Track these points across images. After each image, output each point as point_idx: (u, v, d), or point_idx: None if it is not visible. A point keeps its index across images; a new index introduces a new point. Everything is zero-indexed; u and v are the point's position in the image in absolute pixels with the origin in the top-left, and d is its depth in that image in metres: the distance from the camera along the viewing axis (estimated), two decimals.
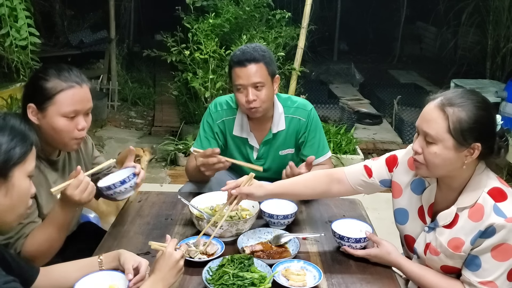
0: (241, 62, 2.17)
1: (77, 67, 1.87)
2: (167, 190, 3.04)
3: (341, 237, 1.76)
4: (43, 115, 1.66)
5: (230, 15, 4.64)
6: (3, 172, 1.20)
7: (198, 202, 1.96)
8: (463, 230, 1.55)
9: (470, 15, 6.86)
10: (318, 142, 2.35)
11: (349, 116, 5.70)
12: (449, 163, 1.52)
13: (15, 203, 1.25)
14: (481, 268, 1.51)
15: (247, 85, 2.17)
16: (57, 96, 1.65)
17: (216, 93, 4.44)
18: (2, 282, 1.13)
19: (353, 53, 9.77)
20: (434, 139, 1.51)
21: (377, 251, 1.72)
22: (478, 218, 1.52)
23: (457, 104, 1.48)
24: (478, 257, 1.52)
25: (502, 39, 6.41)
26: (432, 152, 1.52)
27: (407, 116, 5.61)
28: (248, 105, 2.19)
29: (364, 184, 1.85)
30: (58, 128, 1.67)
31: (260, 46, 2.27)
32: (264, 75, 2.18)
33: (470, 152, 1.50)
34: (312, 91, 6.09)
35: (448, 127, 1.48)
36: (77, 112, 1.69)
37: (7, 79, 4.44)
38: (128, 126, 6.03)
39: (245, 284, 1.48)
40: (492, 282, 1.50)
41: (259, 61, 2.18)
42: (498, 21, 6.41)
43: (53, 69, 1.68)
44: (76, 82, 1.68)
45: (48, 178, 1.75)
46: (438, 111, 1.50)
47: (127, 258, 1.50)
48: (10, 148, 1.21)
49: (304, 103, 2.37)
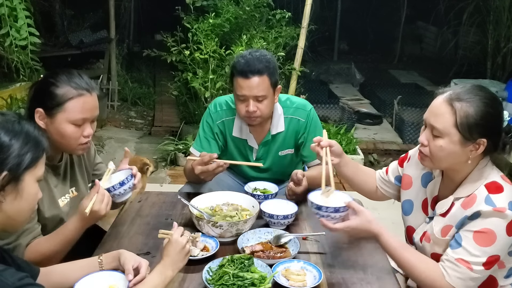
0: (245, 73, 2.12)
1: (77, 67, 1.87)
2: (167, 190, 3.04)
3: (318, 207, 1.63)
4: (51, 120, 1.67)
5: (230, 15, 4.64)
6: (15, 176, 1.23)
7: (198, 202, 1.95)
8: (454, 218, 1.57)
9: (470, 15, 6.86)
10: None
11: (349, 116, 5.70)
12: (453, 156, 1.54)
13: (23, 207, 1.28)
14: (461, 247, 1.52)
15: (249, 96, 2.14)
16: (67, 104, 1.65)
17: (216, 93, 4.44)
18: (17, 279, 1.14)
19: (353, 53, 9.76)
20: (440, 132, 1.53)
21: (357, 221, 1.62)
22: (469, 206, 1.54)
23: (465, 100, 1.50)
24: (460, 236, 1.53)
25: (502, 39, 6.41)
26: (438, 146, 1.54)
27: (407, 116, 5.60)
28: (248, 115, 2.17)
29: (382, 181, 1.93)
30: (66, 135, 1.68)
31: (265, 54, 2.21)
32: (267, 87, 2.15)
33: (476, 147, 1.52)
34: (312, 91, 6.09)
35: (455, 122, 1.50)
36: (85, 120, 1.71)
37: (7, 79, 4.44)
38: (128, 126, 6.03)
39: (245, 284, 1.48)
40: (468, 263, 1.50)
41: (262, 73, 2.13)
42: (498, 21, 6.41)
43: (64, 75, 1.68)
44: (86, 90, 1.69)
45: (50, 183, 1.75)
46: (446, 106, 1.52)
47: (127, 259, 1.50)
48: (23, 153, 1.24)
49: (303, 103, 2.36)
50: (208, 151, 2.27)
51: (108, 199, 1.66)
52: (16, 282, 1.13)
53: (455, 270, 1.52)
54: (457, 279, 1.51)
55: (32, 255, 1.59)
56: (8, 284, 1.11)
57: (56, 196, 1.77)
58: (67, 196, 1.82)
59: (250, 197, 2.01)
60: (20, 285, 1.13)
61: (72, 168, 1.87)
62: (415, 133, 5.31)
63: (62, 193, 1.81)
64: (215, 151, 2.27)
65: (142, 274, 1.47)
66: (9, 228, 1.33)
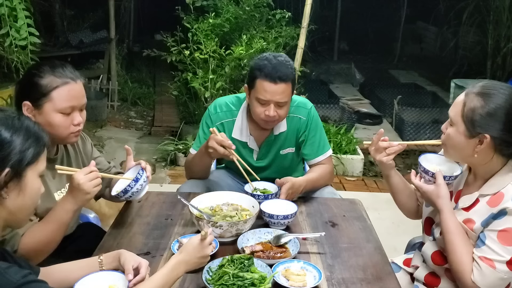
0: (273, 77, 2.09)
1: (77, 67, 1.88)
2: (167, 190, 3.04)
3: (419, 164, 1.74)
4: (39, 112, 1.67)
5: (230, 15, 4.64)
6: (17, 172, 1.23)
7: (198, 202, 1.95)
8: (478, 213, 1.60)
9: (470, 15, 6.86)
10: (318, 140, 2.34)
11: (349, 116, 5.70)
12: (459, 147, 1.59)
13: (26, 202, 1.28)
14: (485, 245, 1.54)
15: (271, 101, 2.13)
16: (52, 93, 1.66)
17: (216, 93, 4.44)
18: (21, 276, 1.15)
19: (353, 53, 9.76)
20: (452, 121, 1.60)
21: (430, 189, 1.68)
22: (495, 204, 1.55)
23: (480, 94, 1.54)
24: (484, 235, 1.56)
25: (502, 38, 6.42)
26: (447, 133, 1.61)
27: (407, 116, 5.59)
28: (267, 119, 2.16)
29: None
30: (55, 124, 1.68)
31: (288, 60, 2.18)
32: (289, 94, 2.15)
33: (480, 142, 1.55)
34: (312, 91, 6.09)
35: (462, 112, 1.55)
36: (73, 108, 1.70)
37: (6, 79, 4.44)
38: (128, 126, 6.03)
39: (245, 285, 1.48)
40: (491, 261, 1.52)
41: (288, 80, 2.11)
42: (498, 21, 6.41)
43: (47, 66, 1.69)
44: (70, 78, 1.69)
45: (46, 176, 1.74)
46: (463, 96, 1.58)
47: (127, 259, 1.50)
48: (25, 148, 1.24)
49: (304, 101, 2.36)
50: None
51: (95, 176, 1.62)
52: (21, 279, 1.14)
53: (478, 268, 1.53)
54: (480, 277, 1.53)
55: (28, 243, 1.59)
56: (13, 281, 1.12)
57: (52, 189, 1.77)
58: (63, 190, 1.82)
59: (250, 197, 2.01)
60: (25, 282, 1.14)
61: (68, 161, 1.87)
62: (415, 133, 5.31)
63: (59, 186, 1.81)
64: None
65: (142, 274, 1.47)
66: (13, 224, 1.34)
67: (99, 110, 5.77)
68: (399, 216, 1.87)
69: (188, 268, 1.46)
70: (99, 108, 5.75)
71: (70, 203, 1.63)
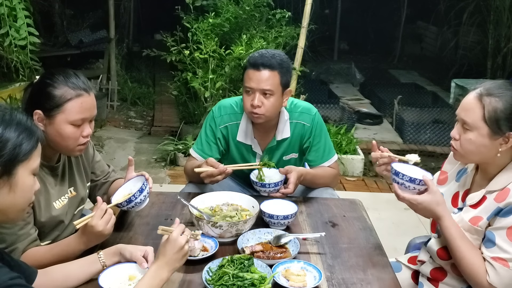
0: (256, 65, 2.12)
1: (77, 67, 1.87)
2: (167, 190, 3.03)
3: (396, 172, 1.67)
4: (50, 122, 1.66)
5: (230, 14, 4.64)
6: (7, 169, 1.20)
7: (197, 203, 1.95)
8: (485, 210, 1.60)
9: (470, 15, 6.87)
10: (323, 146, 2.33)
11: (349, 116, 5.70)
12: (483, 150, 1.60)
13: (18, 200, 1.25)
14: (495, 245, 1.55)
15: (255, 89, 2.13)
16: (66, 105, 1.65)
17: (216, 93, 4.43)
18: (8, 278, 1.13)
19: (353, 53, 9.77)
20: (470, 126, 1.59)
21: (427, 199, 1.63)
22: (502, 199, 1.56)
23: (494, 95, 1.57)
24: (493, 234, 1.56)
25: (502, 38, 6.42)
26: (468, 139, 1.60)
27: (407, 116, 5.59)
28: (252, 109, 2.16)
29: None
30: (65, 135, 1.67)
31: (281, 54, 2.21)
32: (276, 84, 2.14)
33: (505, 140, 1.57)
34: (312, 91, 6.09)
35: (483, 116, 1.56)
36: (84, 120, 1.70)
37: (6, 79, 4.43)
38: (127, 126, 6.02)
39: (245, 285, 1.48)
40: (504, 260, 1.52)
41: (274, 68, 2.12)
42: (499, 21, 6.41)
43: (61, 75, 1.67)
44: (84, 90, 1.68)
45: (47, 185, 1.74)
46: (475, 101, 1.59)
47: (133, 252, 1.54)
48: (17, 144, 1.20)
49: (308, 107, 2.34)
50: (209, 154, 2.26)
51: (110, 216, 1.62)
52: (7, 281, 1.12)
53: (493, 270, 1.53)
54: (496, 278, 1.52)
55: (28, 262, 1.57)
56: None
57: (53, 198, 1.76)
58: (66, 196, 1.82)
59: (250, 197, 2.00)
60: (10, 285, 1.12)
61: (70, 168, 1.87)
62: (415, 133, 5.31)
63: (61, 194, 1.80)
64: (215, 155, 2.27)
65: (151, 261, 1.50)
66: (5, 221, 1.31)
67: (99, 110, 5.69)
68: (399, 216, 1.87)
69: (171, 268, 1.43)
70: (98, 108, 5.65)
71: (84, 245, 1.64)
